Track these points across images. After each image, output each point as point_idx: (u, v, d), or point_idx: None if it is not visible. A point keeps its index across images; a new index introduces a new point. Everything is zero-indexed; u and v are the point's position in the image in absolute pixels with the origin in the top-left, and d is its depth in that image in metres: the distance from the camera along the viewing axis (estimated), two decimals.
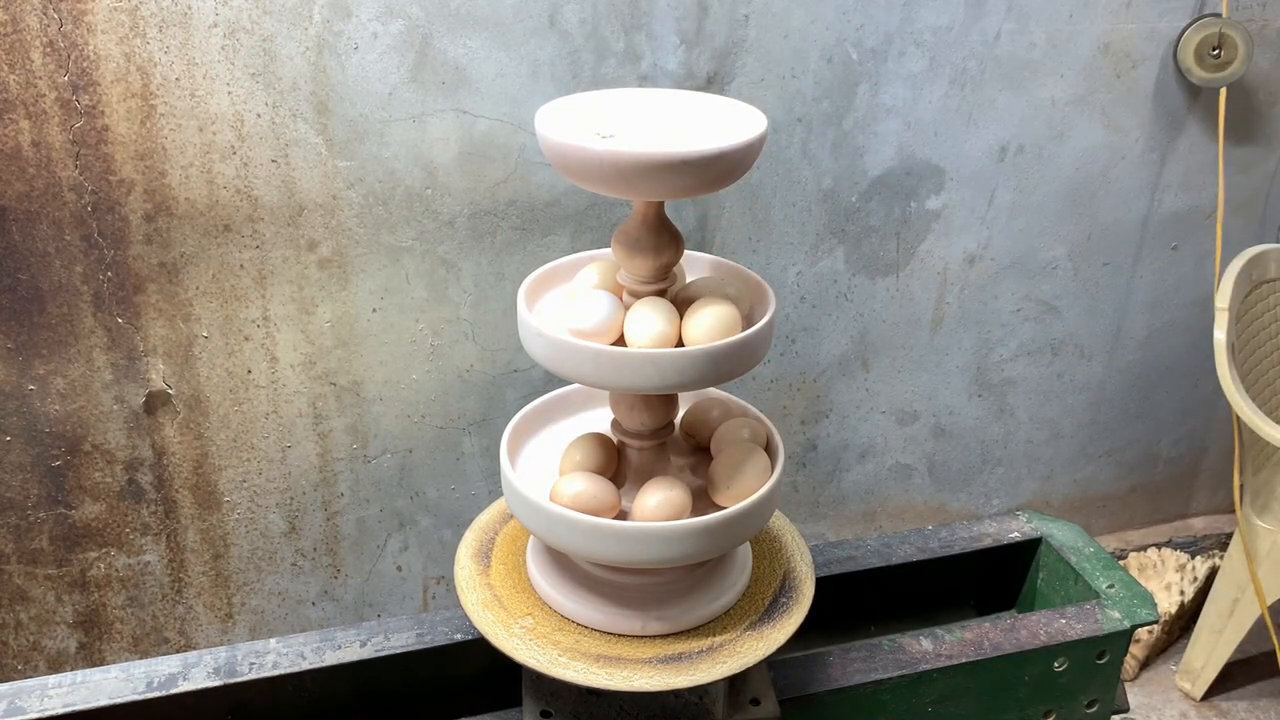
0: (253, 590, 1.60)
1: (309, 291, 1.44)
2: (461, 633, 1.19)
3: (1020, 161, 1.68)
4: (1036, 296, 1.79)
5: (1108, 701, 1.30)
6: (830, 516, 1.87)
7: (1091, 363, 1.89)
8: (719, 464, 1.01)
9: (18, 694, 1.11)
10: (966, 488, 1.93)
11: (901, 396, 1.81)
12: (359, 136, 1.37)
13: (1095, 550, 1.38)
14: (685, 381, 0.91)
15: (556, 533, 0.96)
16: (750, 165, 0.91)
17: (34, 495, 1.44)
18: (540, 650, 0.98)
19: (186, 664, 1.15)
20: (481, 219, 1.46)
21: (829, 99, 1.55)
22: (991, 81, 1.60)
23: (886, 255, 1.68)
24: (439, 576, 1.69)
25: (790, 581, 1.08)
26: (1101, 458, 2.00)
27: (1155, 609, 1.28)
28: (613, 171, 0.86)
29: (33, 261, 1.32)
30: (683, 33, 1.44)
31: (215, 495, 1.52)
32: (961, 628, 1.24)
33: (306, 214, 1.39)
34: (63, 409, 1.40)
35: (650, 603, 1.01)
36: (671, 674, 0.96)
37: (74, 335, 1.37)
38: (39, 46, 1.23)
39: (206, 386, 1.45)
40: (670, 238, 0.95)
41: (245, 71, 1.30)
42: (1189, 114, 1.73)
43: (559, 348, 0.93)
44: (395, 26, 1.33)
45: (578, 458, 1.02)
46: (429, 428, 1.57)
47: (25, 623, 1.52)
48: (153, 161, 1.31)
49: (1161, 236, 1.82)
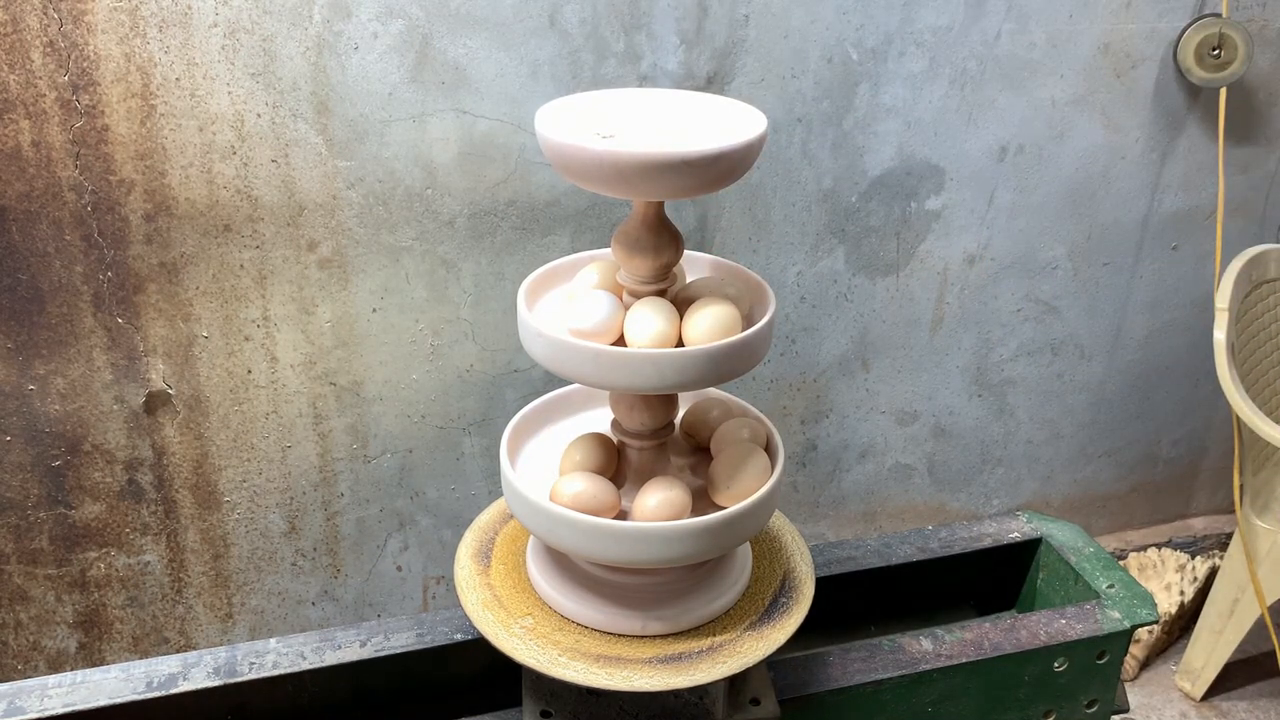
0: (253, 590, 1.60)
1: (309, 291, 1.44)
2: (461, 633, 1.19)
3: (1020, 161, 1.68)
4: (1036, 296, 1.79)
5: (1108, 701, 1.30)
6: (830, 517, 1.87)
7: (1091, 363, 1.89)
8: (719, 464, 1.01)
9: (18, 694, 1.11)
10: (966, 488, 1.93)
11: (901, 396, 1.81)
12: (359, 136, 1.37)
13: (1095, 550, 1.38)
14: (685, 381, 0.91)
15: (556, 533, 0.96)
16: (750, 165, 0.91)
17: (34, 495, 1.44)
18: (540, 650, 0.98)
19: (186, 664, 1.15)
20: (481, 219, 1.46)
21: (829, 99, 1.55)
22: (991, 81, 1.60)
23: (886, 255, 1.68)
24: (439, 576, 1.69)
25: (790, 581, 1.08)
26: (1101, 458, 2.00)
27: (1155, 609, 1.28)
28: (613, 171, 0.86)
29: (33, 261, 1.32)
30: (683, 33, 1.44)
31: (215, 495, 1.52)
32: (961, 628, 1.24)
33: (306, 214, 1.39)
34: (63, 409, 1.40)
35: (650, 603, 1.01)
36: (671, 674, 0.96)
37: (74, 335, 1.37)
38: (39, 46, 1.23)
39: (206, 386, 1.45)
40: (670, 238, 0.95)
41: (245, 71, 1.30)
42: (1189, 114, 1.73)
43: (559, 348, 0.93)
44: (395, 26, 1.33)
45: (578, 458, 1.02)
46: (429, 428, 1.57)
47: (25, 623, 1.52)
48: (153, 161, 1.31)
49: (1161, 236, 1.82)
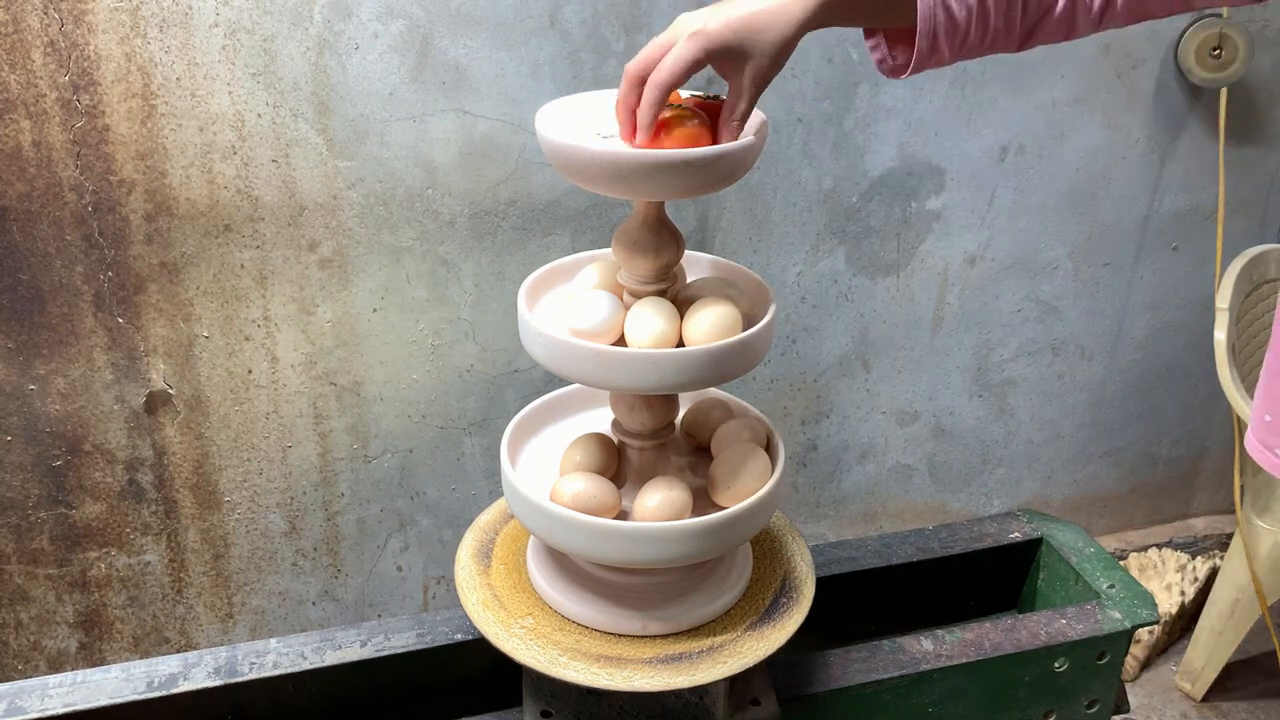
0: (253, 590, 1.60)
1: (309, 291, 1.44)
2: (462, 633, 1.19)
3: (1021, 162, 1.68)
4: (1037, 297, 1.79)
5: (1108, 702, 1.30)
6: (831, 517, 1.87)
7: (1092, 363, 1.89)
8: (719, 464, 1.01)
9: (18, 694, 1.11)
10: (967, 488, 1.93)
11: (902, 397, 1.80)
12: (359, 136, 1.37)
13: (1095, 550, 1.38)
14: (685, 381, 0.91)
15: (557, 533, 0.96)
16: (750, 166, 0.91)
17: (34, 495, 1.44)
18: (541, 650, 0.98)
19: (187, 664, 1.15)
20: (482, 219, 1.46)
21: (829, 99, 1.54)
22: (992, 82, 1.60)
23: (887, 255, 1.68)
24: (439, 576, 1.69)
25: (790, 582, 1.08)
26: (1102, 458, 1.99)
27: (1155, 609, 1.28)
28: (613, 171, 0.86)
29: (33, 261, 1.32)
30: None
31: (216, 495, 1.52)
32: (962, 628, 1.24)
33: (307, 214, 1.39)
34: (63, 409, 1.40)
35: (650, 603, 1.01)
36: (672, 674, 0.96)
37: (74, 335, 1.37)
38: (40, 46, 1.23)
39: (207, 386, 1.45)
40: (670, 238, 0.95)
41: (246, 71, 1.30)
42: (1189, 114, 1.73)
43: (559, 348, 0.93)
44: (396, 26, 1.33)
45: (578, 458, 1.02)
46: (429, 428, 1.57)
47: (26, 623, 1.52)
48: (153, 161, 1.31)
49: (1162, 237, 1.82)
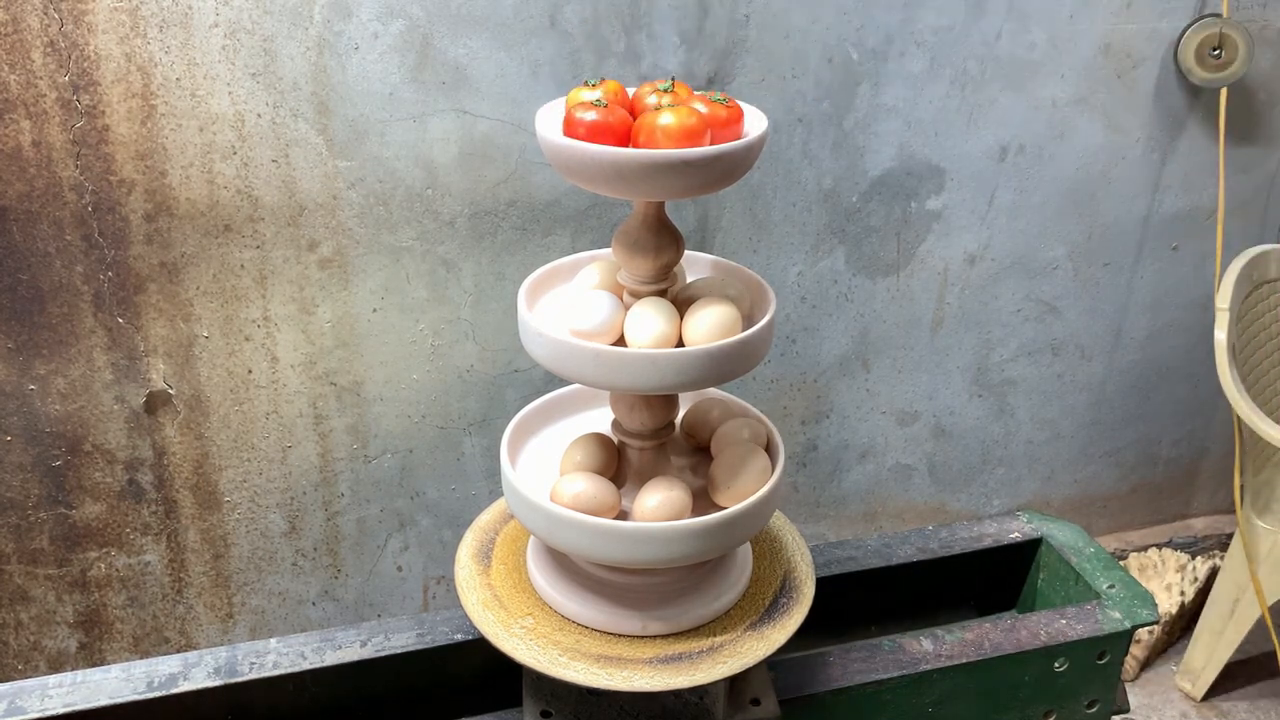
0: (253, 590, 1.60)
1: (309, 291, 1.44)
2: (461, 633, 1.19)
3: (1021, 162, 1.68)
4: (1037, 297, 1.79)
5: (1108, 702, 1.30)
6: (831, 517, 1.87)
7: (1092, 363, 1.89)
8: (719, 464, 1.01)
9: (18, 694, 1.11)
10: (967, 488, 1.93)
11: (902, 397, 1.80)
12: (359, 136, 1.37)
13: (1095, 550, 1.38)
14: (685, 381, 0.91)
15: (557, 533, 0.96)
16: (751, 165, 0.91)
17: (34, 495, 1.44)
18: (541, 650, 0.98)
19: (187, 664, 1.15)
20: (482, 219, 1.46)
21: (829, 99, 1.55)
22: (992, 82, 1.60)
23: (887, 255, 1.68)
24: (439, 576, 1.69)
25: (790, 582, 1.08)
26: (1102, 458, 2.00)
27: (1155, 609, 1.28)
28: (613, 171, 0.86)
29: (33, 261, 1.32)
30: (683, 33, 1.44)
31: (215, 495, 1.52)
32: (962, 628, 1.24)
33: (307, 214, 1.39)
34: (63, 409, 1.40)
35: (650, 603, 1.01)
36: (671, 674, 0.96)
37: (74, 335, 1.37)
38: (40, 46, 1.23)
39: (207, 386, 1.45)
40: (670, 238, 0.95)
41: (246, 71, 1.30)
42: (1189, 114, 1.73)
43: (559, 348, 0.93)
44: (396, 26, 1.33)
45: (578, 458, 1.02)
46: (429, 428, 1.57)
47: (26, 622, 1.52)
48: (153, 161, 1.31)
49: (1162, 237, 1.82)
